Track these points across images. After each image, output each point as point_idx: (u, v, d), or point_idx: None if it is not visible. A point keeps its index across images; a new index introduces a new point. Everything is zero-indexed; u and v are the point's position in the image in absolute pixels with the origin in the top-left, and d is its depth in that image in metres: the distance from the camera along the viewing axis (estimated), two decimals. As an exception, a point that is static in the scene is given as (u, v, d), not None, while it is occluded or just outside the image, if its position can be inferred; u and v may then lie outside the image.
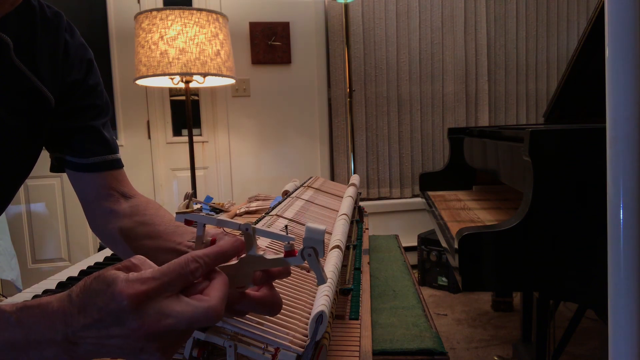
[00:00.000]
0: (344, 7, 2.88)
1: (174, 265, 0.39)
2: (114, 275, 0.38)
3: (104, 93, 0.77)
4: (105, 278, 0.38)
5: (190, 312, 0.38)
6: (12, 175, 0.69)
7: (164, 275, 0.39)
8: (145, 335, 0.37)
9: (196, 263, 0.40)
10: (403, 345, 0.70)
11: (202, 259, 0.41)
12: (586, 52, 1.44)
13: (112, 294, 0.37)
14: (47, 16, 0.69)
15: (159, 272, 0.39)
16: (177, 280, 0.39)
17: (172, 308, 0.38)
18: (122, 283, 0.37)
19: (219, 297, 0.40)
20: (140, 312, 0.37)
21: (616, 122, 0.55)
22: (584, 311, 1.70)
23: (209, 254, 0.42)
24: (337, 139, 3.14)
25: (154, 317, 0.37)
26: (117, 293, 0.37)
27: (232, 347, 0.50)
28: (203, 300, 0.39)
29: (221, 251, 0.43)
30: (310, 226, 0.45)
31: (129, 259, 0.42)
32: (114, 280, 0.37)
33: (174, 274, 0.39)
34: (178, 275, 0.39)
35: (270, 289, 0.48)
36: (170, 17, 2.14)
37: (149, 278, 0.38)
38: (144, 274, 0.38)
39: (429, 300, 2.65)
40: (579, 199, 0.96)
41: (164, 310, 0.38)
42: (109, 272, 0.38)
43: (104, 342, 0.38)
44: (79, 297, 0.38)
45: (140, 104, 2.90)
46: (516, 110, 3.37)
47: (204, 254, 0.41)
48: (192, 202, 0.48)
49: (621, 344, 0.56)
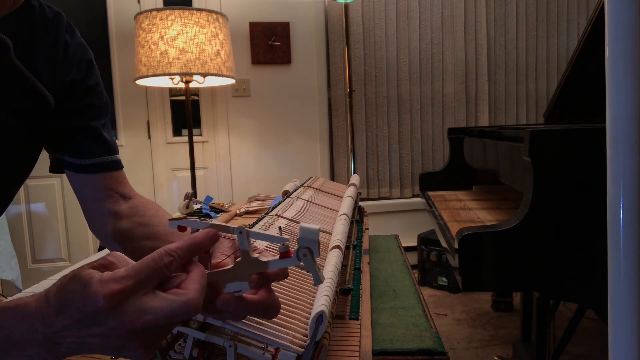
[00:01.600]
0: (344, 7, 2.88)
1: (147, 261, 0.39)
2: (89, 276, 0.37)
3: (104, 93, 0.77)
4: (80, 278, 0.38)
5: (169, 308, 0.38)
6: (12, 176, 0.69)
7: (138, 272, 0.38)
8: (126, 333, 0.37)
9: (170, 257, 0.40)
10: (403, 345, 0.70)
11: (176, 252, 0.41)
12: (586, 52, 1.44)
13: (88, 295, 0.37)
14: (47, 16, 0.69)
15: (133, 270, 0.38)
16: (152, 276, 0.39)
17: (150, 305, 0.38)
18: (96, 284, 0.37)
19: (197, 289, 0.40)
20: (118, 312, 0.37)
21: (616, 122, 0.55)
22: (584, 311, 1.70)
23: (182, 246, 0.41)
24: (337, 139, 3.14)
25: (132, 315, 0.37)
26: (93, 294, 0.36)
27: (232, 347, 0.50)
28: (180, 295, 0.39)
29: (194, 243, 0.42)
30: (304, 226, 0.45)
31: (106, 256, 0.41)
32: (89, 281, 0.37)
33: (148, 269, 0.39)
34: (152, 270, 0.39)
35: (268, 292, 0.47)
36: (170, 17, 2.14)
37: (123, 277, 0.37)
38: (117, 273, 0.38)
39: (429, 300, 2.65)
40: (579, 199, 0.96)
41: (141, 308, 0.37)
42: (84, 272, 0.38)
43: (85, 341, 0.38)
44: (56, 298, 0.38)
45: (140, 104, 2.90)
46: (516, 110, 3.37)
47: (177, 247, 0.41)
48: (192, 202, 0.48)
49: (621, 344, 0.56)
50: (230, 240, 0.53)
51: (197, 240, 0.43)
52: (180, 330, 0.51)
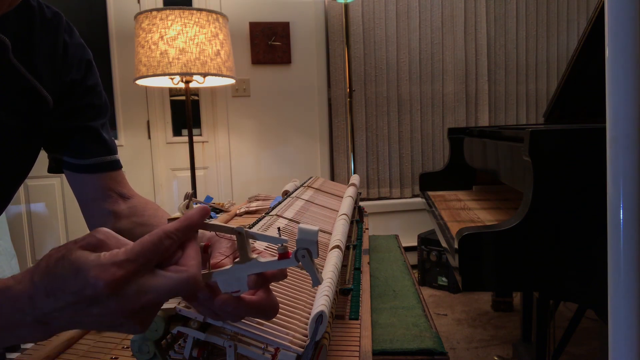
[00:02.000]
0: (344, 7, 2.88)
1: (148, 244, 0.38)
2: (83, 258, 0.37)
3: (103, 94, 0.77)
4: (73, 262, 0.37)
5: (171, 285, 0.38)
6: (11, 176, 0.69)
7: (140, 255, 0.38)
8: (126, 312, 0.37)
9: (170, 239, 0.40)
10: (403, 345, 0.70)
11: (175, 234, 0.40)
12: (586, 52, 1.44)
13: (87, 280, 0.36)
14: (46, 16, 0.69)
15: (134, 254, 0.37)
16: (153, 259, 0.39)
17: (151, 283, 0.38)
18: (96, 268, 0.36)
19: (195, 265, 0.40)
20: (119, 295, 0.37)
21: (616, 122, 0.55)
22: (584, 311, 1.70)
23: (180, 227, 0.41)
24: (337, 139, 3.14)
25: (134, 296, 0.37)
26: (93, 278, 0.36)
27: (232, 347, 0.50)
28: (181, 272, 0.39)
29: (191, 223, 0.42)
30: (302, 227, 0.45)
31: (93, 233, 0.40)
32: (84, 264, 0.36)
33: (150, 253, 0.38)
34: (153, 253, 0.38)
35: (266, 292, 0.47)
36: (170, 17, 2.14)
37: (124, 260, 0.37)
38: (118, 256, 0.37)
39: (429, 300, 2.65)
40: (579, 199, 0.96)
41: (142, 289, 0.37)
42: (75, 254, 0.37)
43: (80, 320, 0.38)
44: (43, 281, 0.37)
45: (140, 104, 2.90)
46: (516, 110, 3.37)
47: (176, 229, 0.41)
48: (192, 202, 0.47)
49: (621, 344, 0.56)
50: (229, 241, 0.53)
51: (193, 220, 0.42)
52: (180, 331, 0.50)
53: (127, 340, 0.65)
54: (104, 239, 0.39)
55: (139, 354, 0.50)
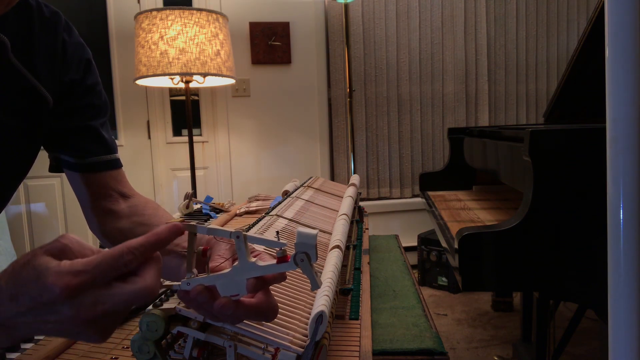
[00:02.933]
0: (344, 7, 2.88)
1: (107, 257, 0.39)
2: (45, 265, 0.37)
3: (103, 93, 0.77)
4: (35, 267, 0.37)
5: (126, 295, 0.39)
6: (11, 175, 0.69)
7: (97, 267, 0.38)
8: (82, 321, 0.38)
9: (131, 255, 0.40)
10: (403, 345, 0.70)
11: (137, 249, 0.40)
12: (586, 52, 1.44)
13: (44, 285, 0.36)
14: (44, 15, 0.69)
15: (91, 265, 0.38)
16: (110, 272, 0.39)
17: (106, 294, 0.38)
18: (53, 275, 0.37)
19: (153, 274, 0.40)
20: (74, 303, 0.37)
21: (616, 122, 0.55)
22: (584, 311, 1.70)
23: (145, 244, 0.41)
24: (337, 139, 3.14)
25: (89, 305, 0.37)
26: (50, 285, 0.36)
27: (232, 347, 0.50)
28: (136, 282, 0.39)
29: (158, 240, 0.42)
30: (301, 231, 0.44)
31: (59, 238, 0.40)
32: (45, 270, 0.37)
33: (107, 266, 0.38)
34: (111, 267, 0.39)
35: (266, 295, 0.47)
36: (170, 17, 2.14)
37: (80, 271, 0.37)
38: (75, 266, 0.37)
39: (429, 300, 2.65)
40: (579, 199, 0.96)
41: (98, 299, 0.38)
42: (39, 260, 0.38)
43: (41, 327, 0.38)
44: (8, 285, 0.38)
45: (140, 104, 2.90)
46: (516, 110, 3.37)
47: (140, 245, 0.40)
48: (192, 202, 0.47)
49: (621, 344, 0.56)
50: (227, 244, 0.53)
51: (161, 237, 0.42)
52: (180, 331, 0.50)
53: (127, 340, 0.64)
54: (68, 244, 0.40)
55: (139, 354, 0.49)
